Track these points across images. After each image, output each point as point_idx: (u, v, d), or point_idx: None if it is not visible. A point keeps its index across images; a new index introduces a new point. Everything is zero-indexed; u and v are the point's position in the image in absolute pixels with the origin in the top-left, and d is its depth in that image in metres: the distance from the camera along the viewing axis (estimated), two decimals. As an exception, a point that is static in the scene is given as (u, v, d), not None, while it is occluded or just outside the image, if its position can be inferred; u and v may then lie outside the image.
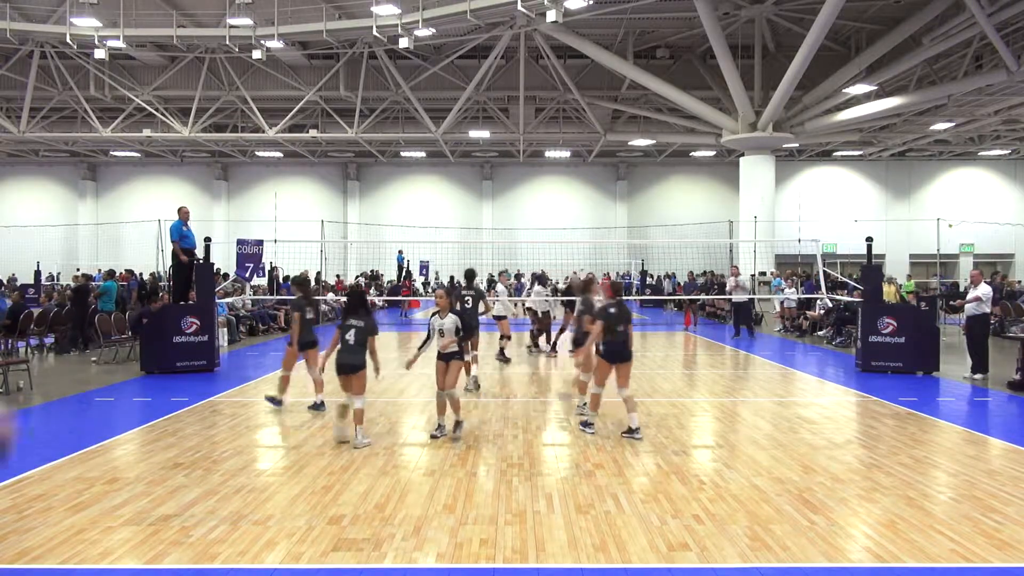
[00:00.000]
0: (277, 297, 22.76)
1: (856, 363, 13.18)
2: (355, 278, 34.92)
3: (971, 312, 12.26)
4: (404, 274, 31.91)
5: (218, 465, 6.82)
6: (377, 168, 40.77)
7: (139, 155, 38.76)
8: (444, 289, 8.34)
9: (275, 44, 23.69)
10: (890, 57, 23.95)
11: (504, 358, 13.82)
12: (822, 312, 19.14)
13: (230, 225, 38.32)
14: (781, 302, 21.38)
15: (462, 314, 12.46)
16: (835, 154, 38.60)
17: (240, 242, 20.26)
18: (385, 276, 34.41)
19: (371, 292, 30.79)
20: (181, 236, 13.28)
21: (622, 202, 40.78)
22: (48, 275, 35.04)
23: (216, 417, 9.01)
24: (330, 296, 25.99)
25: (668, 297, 30.42)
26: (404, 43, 22.20)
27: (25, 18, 24.21)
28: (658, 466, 6.84)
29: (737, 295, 19.44)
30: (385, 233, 37.81)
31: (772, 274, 25.27)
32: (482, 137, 31.78)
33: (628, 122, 31.84)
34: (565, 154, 38.31)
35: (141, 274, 27.56)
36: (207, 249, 14.11)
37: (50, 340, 16.28)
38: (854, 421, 9.02)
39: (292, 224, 29.14)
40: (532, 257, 32.23)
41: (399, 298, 28.39)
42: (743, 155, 27.05)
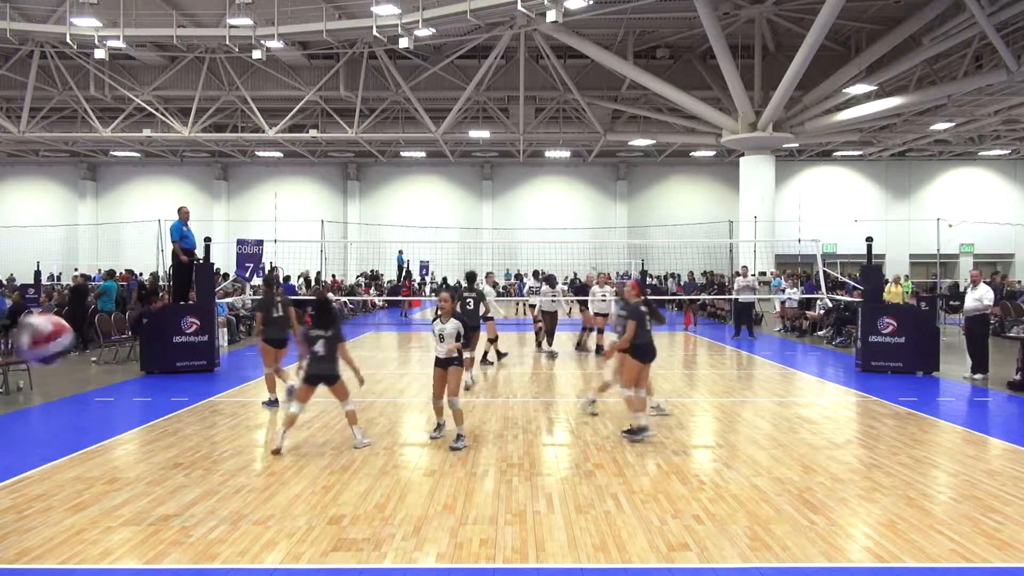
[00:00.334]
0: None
1: (856, 363, 13.18)
2: (355, 277, 34.97)
3: (971, 312, 12.27)
4: (404, 274, 31.91)
5: (218, 465, 6.82)
6: (377, 168, 40.77)
7: (139, 155, 38.75)
8: (449, 292, 8.01)
9: (275, 44, 23.68)
10: (890, 57, 23.94)
11: (488, 361, 13.60)
12: (822, 312, 19.15)
13: (230, 225, 38.31)
14: (782, 302, 21.39)
15: (462, 315, 12.49)
16: (835, 154, 38.59)
17: (240, 242, 20.26)
18: (385, 276, 34.42)
19: (371, 292, 30.87)
20: (181, 236, 13.28)
21: (622, 202, 40.78)
22: (49, 275, 35.05)
23: (216, 417, 9.01)
24: (329, 296, 25.97)
25: (668, 297, 30.41)
26: (404, 43, 22.19)
27: (25, 18, 24.20)
28: (658, 466, 6.84)
29: (745, 295, 19.47)
30: (385, 233, 37.80)
31: (772, 274, 25.27)
32: (482, 137, 31.77)
33: (628, 122, 31.83)
34: (565, 154, 38.31)
35: (141, 274, 27.58)
36: (207, 249, 14.11)
37: (50, 340, 16.26)
38: (854, 421, 9.02)
39: (292, 224, 29.18)
40: (532, 257, 32.20)
41: (399, 298, 28.41)
42: (743, 155, 27.05)
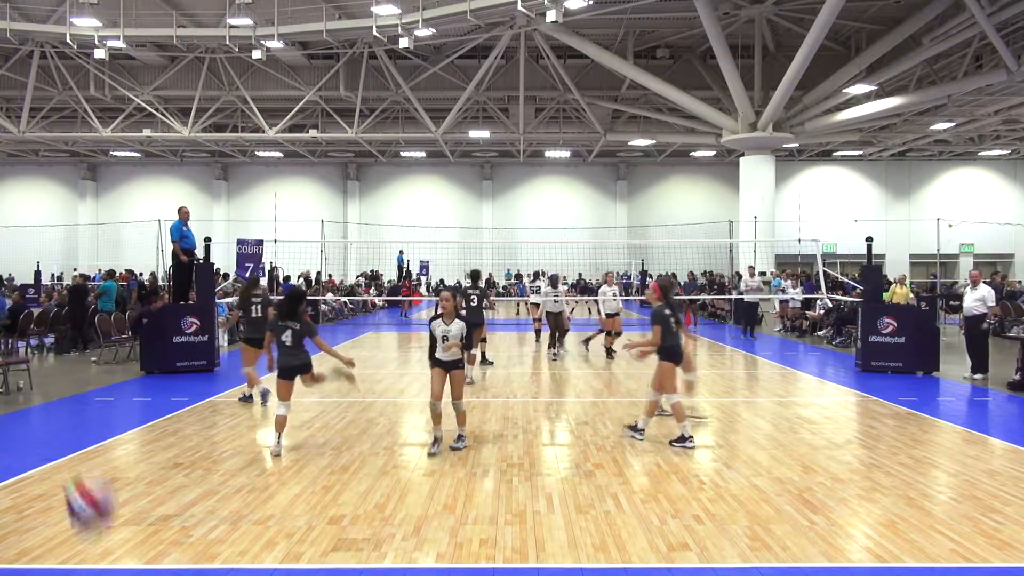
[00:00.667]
0: (277, 297, 22.73)
1: (856, 363, 13.18)
2: (356, 277, 34.98)
3: (971, 312, 12.26)
4: (404, 274, 31.91)
5: (218, 465, 6.82)
6: (377, 168, 40.78)
7: (139, 155, 38.76)
8: (451, 291, 7.65)
9: (275, 44, 23.69)
10: (890, 57, 23.95)
11: (488, 361, 13.52)
12: (822, 312, 19.15)
13: (230, 225, 38.33)
14: (783, 302, 21.40)
15: (466, 312, 12.47)
16: (835, 154, 38.60)
17: (240, 242, 20.28)
18: (385, 276, 34.44)
19: (371, 292, 30.88)
20: (181, 236, 13.28)
21: (622, 202, 40.79)
22: (51, 275, 35.08)
23: (216, 417, 9.01)
24: (329, 296, 26.01)
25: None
26: (404, 43, 22.20)
27: (25, 18, 24.20)
28: (658, 466, 6.84)
29: (751, 295, 19.47)
30: (385, 233, 37.81)
31: (772, 274, 25.27)
32: (482, 137, 31.78)
33: (628, 122, 31.84)
34: (565, 154, 38.32)
35: (141, 274, 27.58)
36: (207, 249, 14.11)
37: (50, 340, 16.29)
38: (854, 421, 9.02)
39: (292, 224, 29.17)
40: (532, 257, 32.25)
41: (399, 298, 28.42)
42: (743, 155, 27.05)
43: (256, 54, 23.56)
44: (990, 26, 18.74)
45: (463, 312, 12.92)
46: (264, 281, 24.37)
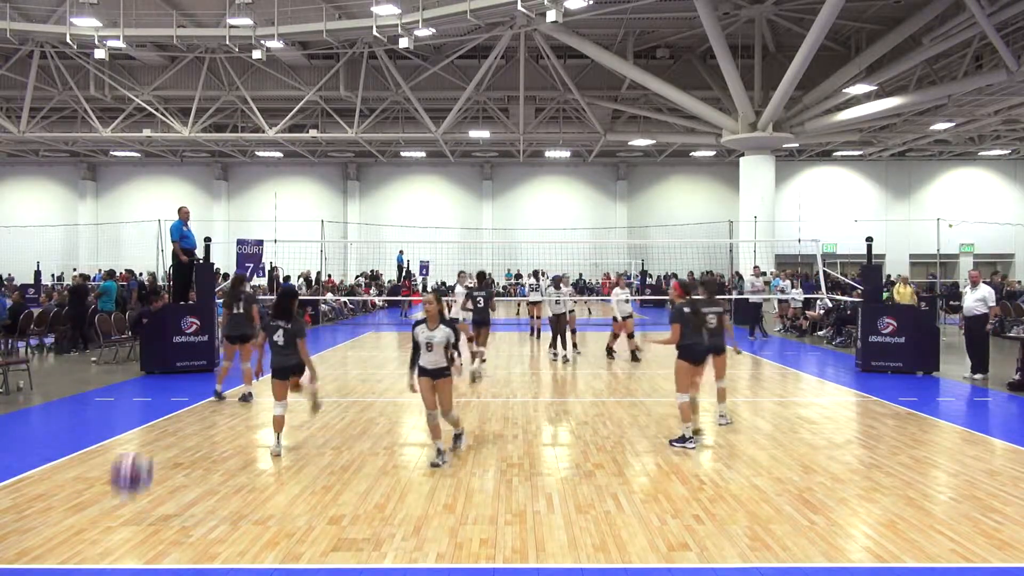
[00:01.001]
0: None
1: (856, 363, 13.17)
2: (355, 277, 34.98)
3: (971, 312, 12.26)
4: (404, 274, 31.89)
5: (218, 465, 6.82)
6: (377, 168, 40.78)
7: (139, 155, 38.77)
8: (435, 294, 7.21)
9: (275, 44, 23.70)
10: (890, 57, 23.96)
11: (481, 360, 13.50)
12: (822, 312, 19.14)
13: (230, 225, 38.33)
14: (783, 302, 21.39)
15: (474, 312, 12.45)
16: (835, 154, 38.61)
17: (240, 242, 20.26)
18: (385, 276, 34.42)
19: (371, 292, 30.88)
20: (181, 236, 13.27)
21: (622, 202, 40.79)
22: (51, 275, 35.07)
23: (216, 417, 9.01)
24: (329, 296, 26.01)
25: (668, 297, 30.39)
26: (404, 43, 22.21)
27: (25, 18, 24.21)
28: (658, 466, 6.84)
29: (756, 296, 19.48)
30: (385, 233, 37.82)
31: (772, 274, 25.27)
32: (482, 137, 31.79)
33: (628, 122, 31.84)
34: (565, 154, 38.32)
35: (142, 274, 27.58)
36: (207, 249, 14.11)
37: (50, 340, 16.29)
38: (854, 421, 9.02)
39: (292, 224, 29.17)
40: (532, 257, 32.21)
41: (399, 298, 28.41)
42: (743, 155, 27.07)
43: (256, 54, 23.57)
44: (990, 26, 18.74)
45: (450, 315, 12.85)
46: (264, 281, 24.44)
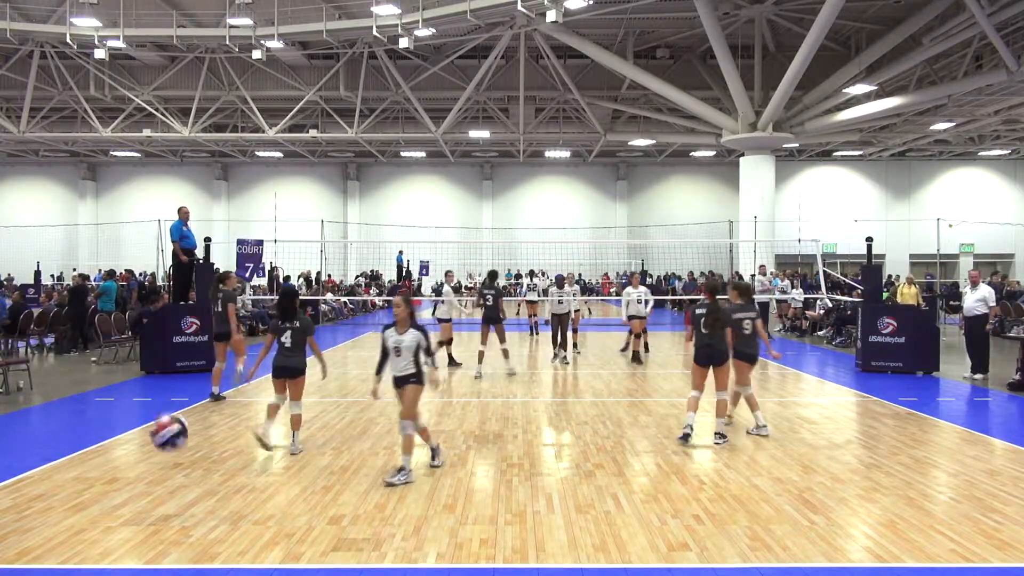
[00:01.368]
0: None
1: (856, 363, 13.18)
2: (355, 278, 34.97)
3: (971, 312, 12.26)
4: (404, 274, 31.90)
5: (218, 465, 6.82)
6: (377, 168, 40.78)
7: (139, 155, 38.77)
8: (403, 297, 6.66)
9: (275, 44, 23.69)
10: (890, 57, 23.95)
11: (455, 363, 13.22)
12: (822, 312, 19.15)
13: (230, 225, 38.32)
14: (782, 302, 21.41)
15: (484, 311, 12.45)
16: (835, 154, 38.60)
17: (240, 242, 20.26)
18: (385, 276, 34.42)
19: (371, 292, 30.87)
20: (181, 236, 13.28)
21: (622, 202, 40.79)
22: (51, 275, 35.08)
23: (216, 417, 9.01)
24: (329, 296, 26.01)
25: (667, 297, 30.39)
26: (404, 43, 22.20)
27: (25, 18, 24.21)
28: (658, 466, 6.84)
29: (763, 296, 19.55)
30: (385, 233, 37.82)
31: (772, 274, 25.26)
32: (482, 137, 31.78)
33: (628, 122, 31.84)
34: (565, 154, 38.32)
35: (142, 274, 27.58)
36: (207, 249, 14.11)
37: (50, 340, 16.29)
38: (854, 421, 9.02)
39: (292, 224, 29.18)
40: (532, 257, 32.26)
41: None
42: (743, 155, 27.05)
43: (256, 54, 23.57)
44: (990, 26, 18.74)
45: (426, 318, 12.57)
46: (264, 281, 24.43)
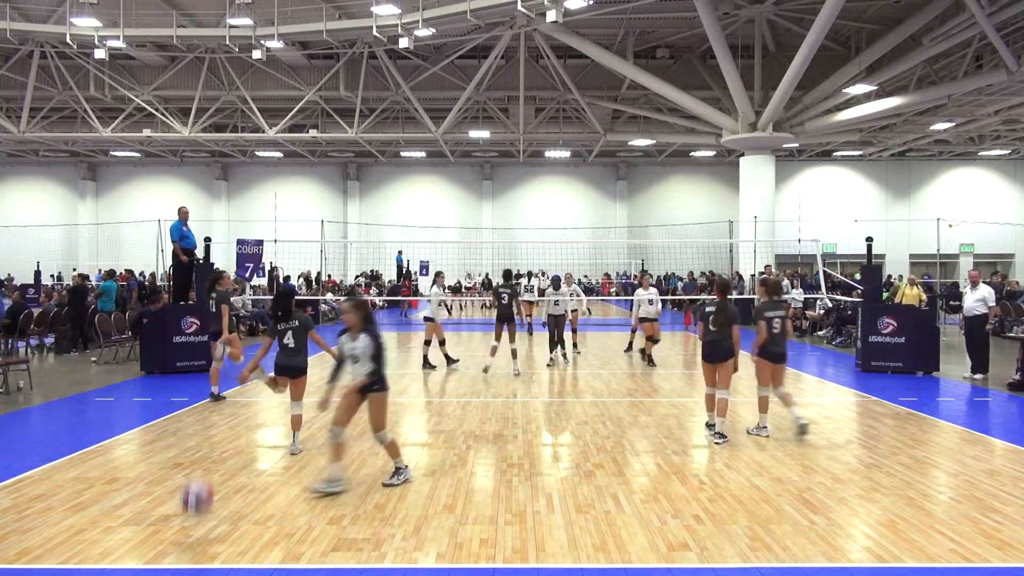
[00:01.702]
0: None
1: (856, 363, 13.18)
2: (355, 278, 34.96)
3: (971, 312, 12.26)
4: (404, 274, 31.91)
5: (218, 465, 6.82)
6: (377, 168, 40.77)
7: (139, 155, 38.75)
8: (352, 302, 6.18)
9: (275, 44, 23.68)
10: (890, 57, 23.94)
11: (429, 365, 13.08)
12: (822, 312, 19.15)
13: (230, 225, 38.30)
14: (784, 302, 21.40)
15: (498, 309, 12.42)
16: (835, 154, 38.59)
17: (240, 242, 20.25)
18: (385, 276, 34.42)
19: (371, 292, 30.85)
20: (181, 236, 13.28)
21: (622, 202, 40.78)
22: (51, 275, 35.07)
23: (216, 417, 9.01)
24: (329, 296, 26.01)
25: (668, 297, 30.40)
26: (404, 43, 22.19)
27: (25, 18, 24.19)
28: (658, 466, 6.84)
29: None
30: (385, 233, 37.81)
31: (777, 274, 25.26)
32: (482, 137, 31.77)
33: (628, 122, 31.83)
34: (565, 154, 38.31)
35: (142, 274, 27.58)
36: (207, 249, 14.12)
37: (50, 340, 16.29)
38: (854, 421, 9.02)
39: (292, 224, 29.16)
40: (532, 257, 32.24)
41: (399, 298, 28.41)
42: (743, 155, 27.04)
43: (256, 54, 23.55)
44: (990, 26, 18.73)
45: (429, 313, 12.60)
46: (264, 281, 24.43)
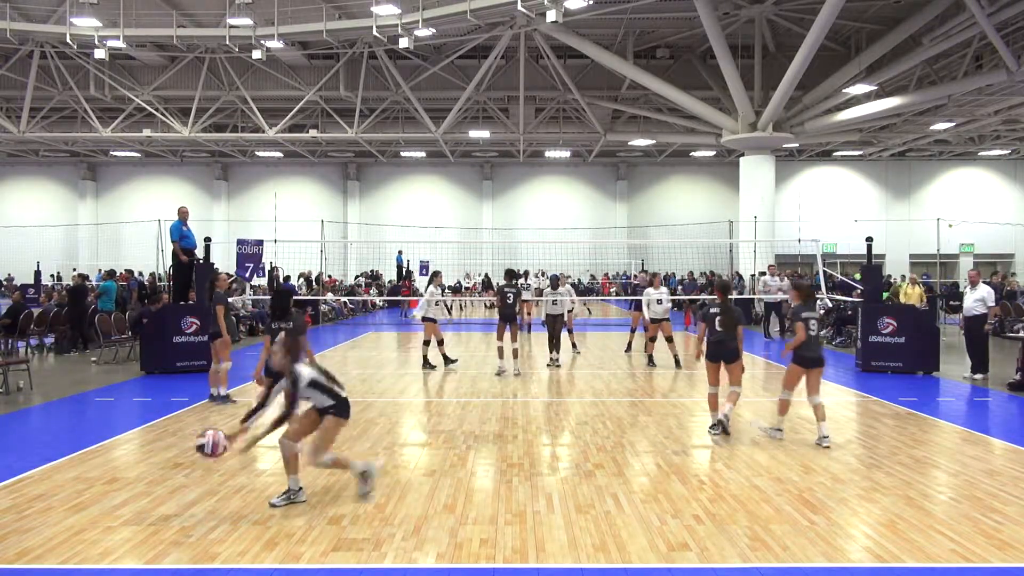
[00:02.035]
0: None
1: (856, 363, 13.18)
2: (355, 278, 34.97)
3: (970, 312, 12.26)
4: (404, 274, 31.90)
5: (218, 465, 6.82)
6: (377, 168, 40.77)
7: (139, 155, 38.76)
8: (282, 344, 5.61)
9: (275, 44, 23.68)
10: (890, 57, 23.94)
11: (429, 365, 13.07)
12: (822, 312, 19.15)
13: (230, 225, 38.32)
14: (784, 301, 21.40)
15: (502, 308, 12.38)
16: (835, 154, 38.60)
17: (240, 242, 20.25)
18: (385, 276, 34.42)
19: (371, 292, 30.87)
20: (181, 236, 13.29)
21: (622, 202, 40.78)
22: (51, 275, 35.08)
23: (216, 417, 9.01)
24: (329, 296, 26.01)
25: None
26: (404, 43, 22.19)
27: (25, 18, 24.20)
28: (658, 466, 6.84)
29: (772, 296, 19.55)
30: (385, 233, 37.81)
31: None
32: (482, 137, 31.77)
33: (628, 122, 31.83)
34: (565, 154, 38.31)
35: (141, 273, 27.57)
36: (207, 249, 14.12)
37: (50, 340, 16.29)
38: (854, 421, 9.02)
39: (292, 224, 29.16)
40: (532, 257, 32.24)
41: (399, 298, 28.41)
42: (743, 155, 27.04)
43: (256, 54, 23.55)
44: (990, 26, 18.73)
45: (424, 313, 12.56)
46: (264, 281, 24.43)
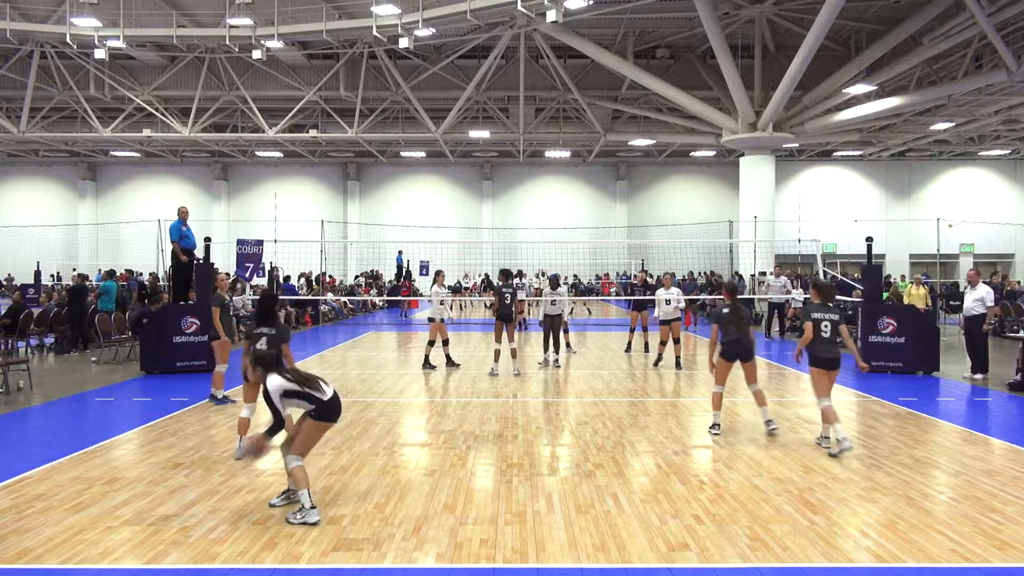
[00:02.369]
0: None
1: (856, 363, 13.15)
2: (355, 278, 34.96)
3: (970, 312, 12.26)
4: (404, 274, 31.91)
5: (218, 465, 6.82)
6: (377, 168, 40.77)
7: (139, 155, 38.76)
8: (255, 376, 5.62)
9: (275, 44, 23.68)
10: (890, 57, 23.95)
11: (430, 365, 13.03)
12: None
13: (230, 225, 38.33)
14: (785, 302, 21.41)
15: (500, 307, 12.42)
16: (835, 154, 38.60)
17: (240, 242, 20.25)
18: (385, 276, 34.42)
19: (371, 292, 30.87)
20: (181, 236, 13.29)
21: (622, 202, 40.78)
22: (51, 275, 35.08)
23: (216, 417, 9.01)
24: (329, 296, 26.01)
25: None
26: (404, 43, 22.19)
27: (25, 18, 24.20)
28: (658, 466, 6.84)
29: (776, 296, 19.57)
30: (385, 233, 37.81)
31: (771, 274, 25.25)
32: (482, 137, 31.77)
33: (628, 122, 31.83)
34: (565, 154, 38.30)
35: (141, 274, 27.58)
36: (207, 249, 14.12)
37: (50, 340, 16.29)
38: (854, 421, 9.02)
39: (292, 224, 29.19)
40: (532, 257, 32.25)
41: (399, 298, 28.41)
42: (743, 155, 27.04)
43: (256, 54, 23.56)
44: (990, 26, 18.73)
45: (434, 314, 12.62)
46: (264, 281, 24.42)
